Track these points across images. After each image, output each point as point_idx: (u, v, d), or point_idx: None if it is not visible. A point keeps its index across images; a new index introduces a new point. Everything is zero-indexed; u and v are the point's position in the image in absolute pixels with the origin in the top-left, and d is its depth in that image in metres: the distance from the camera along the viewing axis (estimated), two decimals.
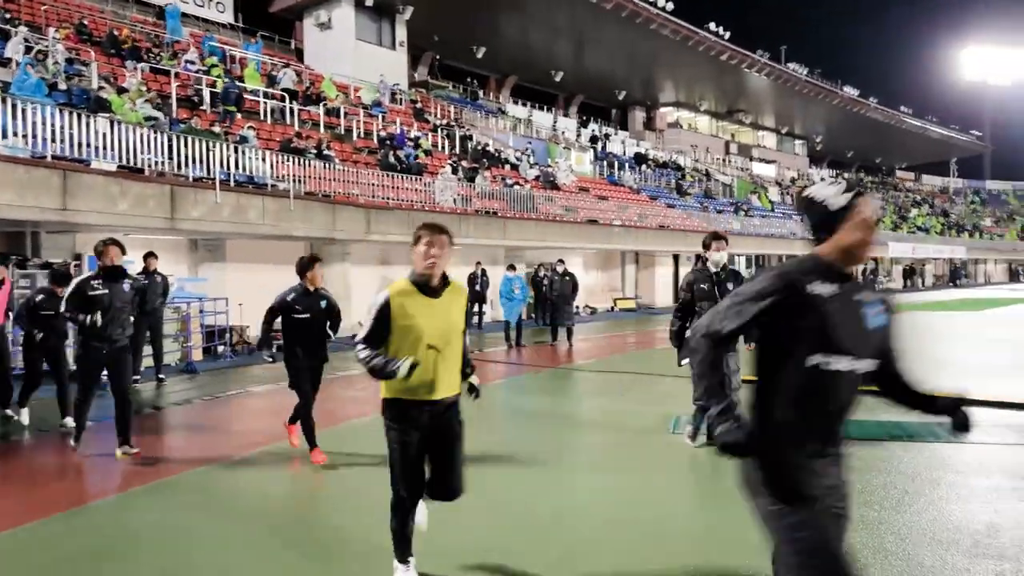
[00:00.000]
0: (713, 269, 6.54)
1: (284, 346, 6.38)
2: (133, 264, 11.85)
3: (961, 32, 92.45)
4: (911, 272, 48.23)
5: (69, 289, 6.56)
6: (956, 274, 52.38)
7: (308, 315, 6.28)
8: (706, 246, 6.61)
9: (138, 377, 10.67)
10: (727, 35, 40.39)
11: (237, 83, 19.00)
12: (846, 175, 61.57)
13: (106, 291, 6.44)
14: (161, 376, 11.04)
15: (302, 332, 6.29)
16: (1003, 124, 77.77)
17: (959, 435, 2.53)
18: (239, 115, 17.98)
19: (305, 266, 6.30)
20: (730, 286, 6.46)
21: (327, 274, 17.27)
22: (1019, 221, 68.90)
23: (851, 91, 52.05)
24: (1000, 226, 65.20)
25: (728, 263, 6.65)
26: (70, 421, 7.66)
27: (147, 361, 11.13)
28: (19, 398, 8.09)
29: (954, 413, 2.53)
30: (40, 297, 7.90)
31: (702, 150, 45.43)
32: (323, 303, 6.42)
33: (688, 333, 6.38)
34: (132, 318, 6.85)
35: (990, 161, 75.70)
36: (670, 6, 35.91)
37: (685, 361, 6.40)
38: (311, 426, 6.34)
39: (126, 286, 6.64)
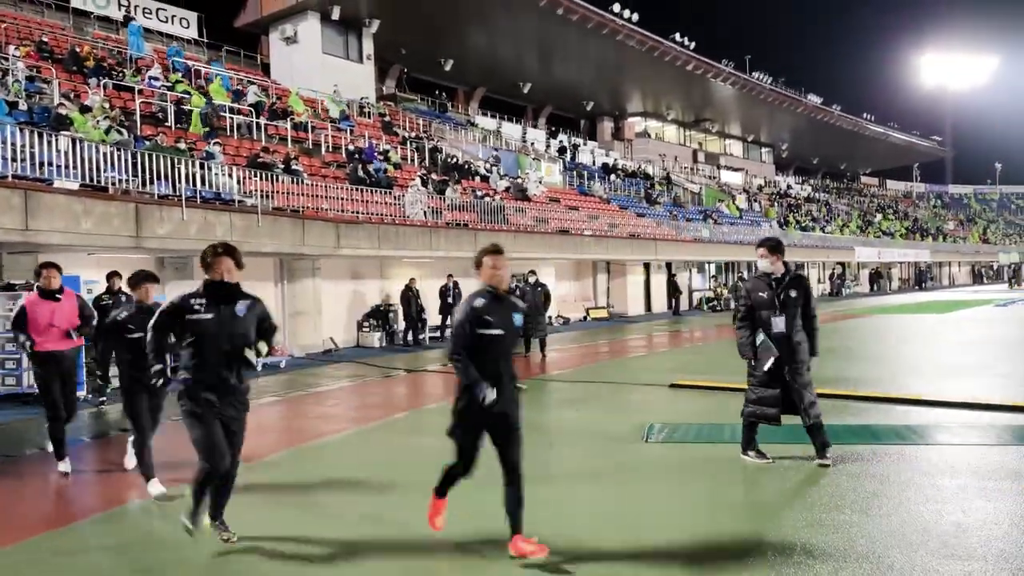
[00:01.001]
0: (773, 276, 6.22)
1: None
2: (97, 283, 11.67)
3: (921, 39, 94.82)
4: (877, 276, 48.99)
5: (161, 307, 4.70)
6: (921, 277, 53.32)
7: (501, 331, 4.36)
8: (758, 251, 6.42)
9: (104, 399, 10.46)
10: (692, 45, 40.96)
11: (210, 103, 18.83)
12: (812, 181, 62.54)
13: (210, 316, 4.46)
14: None
15: (488, 356, 4.33)
16: (963, 129, 79.81)
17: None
18: (205, 130, 17.81)
19: (477, 260, 4.58)
20: (793, 293, 6.15)
21: (296, 290, 17.35)
22: (980, 224, 70.53)
23: (815, 99, 53.01)
24: (962, 229, 66.63)
25: (778, 269, 6.26)
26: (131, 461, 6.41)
27: (113, 382, 10.89)
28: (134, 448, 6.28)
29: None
30: (124, 314, 6.21)
31: (670, 159, 45.85)
32: (516, 316, 4.50)
33: (759, 339, 6.15)
34: (254, 355, 4.60)
35: (951, 165, 77.49)
36: (635, 17, 36.32)
37: (768, 364, 6.08)
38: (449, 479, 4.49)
39: (240, 309, 4.59)
